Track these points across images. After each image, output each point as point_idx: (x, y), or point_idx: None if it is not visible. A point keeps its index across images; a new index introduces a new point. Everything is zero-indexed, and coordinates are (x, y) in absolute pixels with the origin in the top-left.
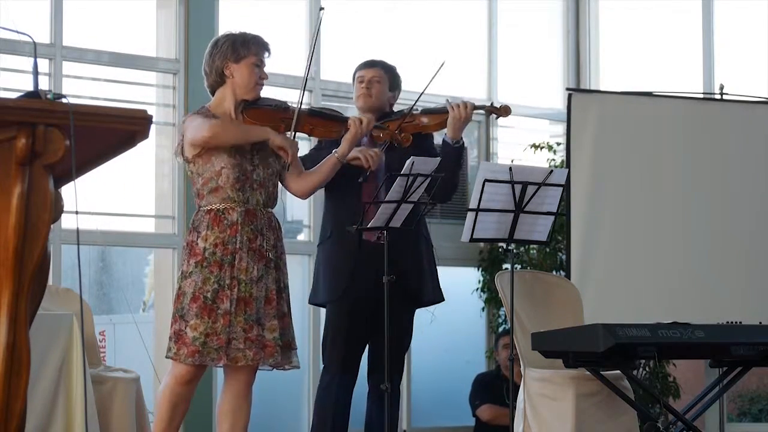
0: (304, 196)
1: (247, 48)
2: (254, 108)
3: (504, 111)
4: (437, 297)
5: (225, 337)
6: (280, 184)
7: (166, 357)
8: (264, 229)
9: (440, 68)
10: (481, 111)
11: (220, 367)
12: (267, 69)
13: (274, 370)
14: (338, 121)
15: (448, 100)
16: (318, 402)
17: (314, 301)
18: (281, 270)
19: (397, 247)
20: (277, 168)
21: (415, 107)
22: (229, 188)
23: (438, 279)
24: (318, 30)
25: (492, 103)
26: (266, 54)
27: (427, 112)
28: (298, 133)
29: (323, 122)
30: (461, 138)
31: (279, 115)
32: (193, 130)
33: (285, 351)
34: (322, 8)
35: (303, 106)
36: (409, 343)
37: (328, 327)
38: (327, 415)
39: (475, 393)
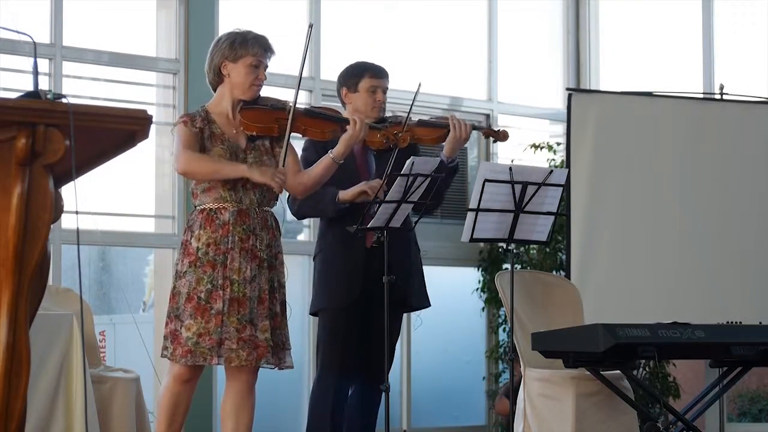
0: (300, 195)
1: (245, 48)
2: (250, 108)
3: (502, 136)
4: (423, 302)
5: (217, 337)
6: None
7: (162, 356)
8: (257, 229)
9: (418, 90)
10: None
11: (220, 365)
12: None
13: (275, 368)
14: (334, 121)
15: (452, 117)
16: (315, 405)
17: (315, 309)
18: (276, 269)
19: (389, 251)
20: (272, 167)
21: (409, 117)
22: (221, 188)
23: (425, 285)
24: None
25: (490, 125)
26: (268, 55)
27: (424, 124)
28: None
29: (318, 122)
30: (456, 156)
31: (274, 115)
32: (175, 150)
33: (278, 351)
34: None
35: (302, 106)
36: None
37: (326, 331)
38: (326, 419)
39: None
